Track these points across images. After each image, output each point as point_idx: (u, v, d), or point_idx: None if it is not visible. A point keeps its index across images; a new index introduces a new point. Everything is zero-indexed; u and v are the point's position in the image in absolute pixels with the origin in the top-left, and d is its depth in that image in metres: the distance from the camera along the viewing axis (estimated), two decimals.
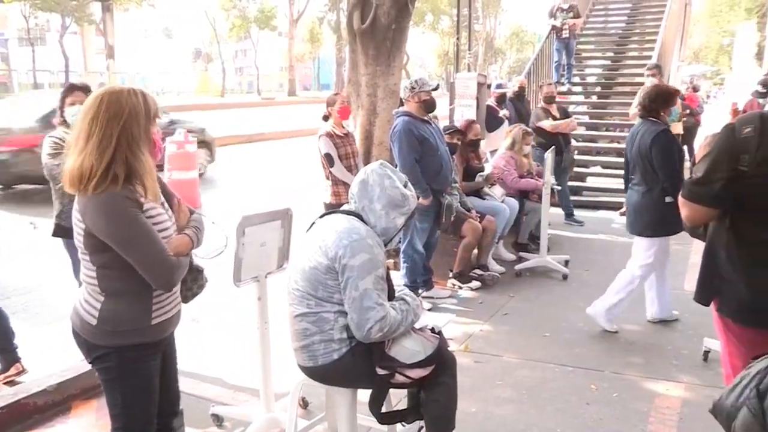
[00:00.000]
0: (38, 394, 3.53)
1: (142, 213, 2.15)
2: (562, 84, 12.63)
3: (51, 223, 3.99)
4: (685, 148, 13.58)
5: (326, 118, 5.63)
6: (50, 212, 4.04)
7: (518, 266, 6.34)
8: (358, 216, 2.73)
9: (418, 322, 2.83)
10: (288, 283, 2.78)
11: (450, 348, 2.97)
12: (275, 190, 10.55)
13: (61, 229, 3.87)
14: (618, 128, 12.09)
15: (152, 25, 57.00)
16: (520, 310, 5.29)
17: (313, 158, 5.88)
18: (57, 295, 5.10)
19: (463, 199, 5.91)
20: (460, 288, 5.78)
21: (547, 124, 8.11)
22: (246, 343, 4.20)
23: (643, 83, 8.98)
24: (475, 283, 5.81)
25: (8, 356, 3.96)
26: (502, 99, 8.94)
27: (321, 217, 2.87)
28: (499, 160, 6.81)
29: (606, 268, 6.47)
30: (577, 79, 13.67)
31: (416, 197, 2.90)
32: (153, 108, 2.23)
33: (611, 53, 14.80)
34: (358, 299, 2.55)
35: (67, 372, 3.71)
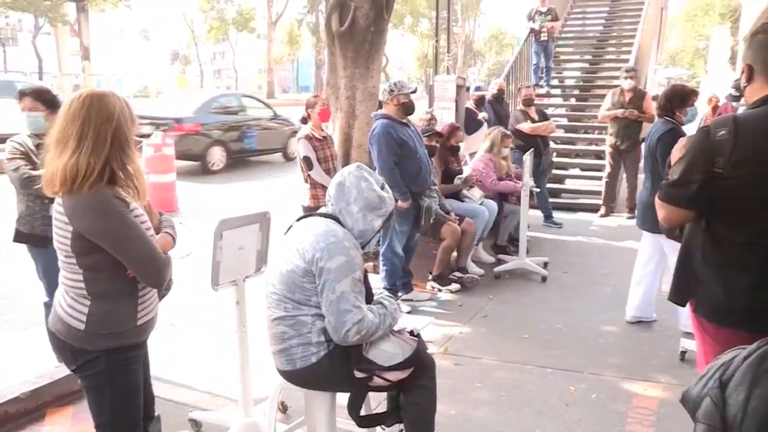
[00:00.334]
0: (11, 402, 3.46)
1: (130, 212, 2.17)
2: (541, 86, 12.71)
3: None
4: None
5: (305, 121, 5.61)
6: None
7: (497, 268, 6.36)
8: (336, 218, 2.73)
9: (396, 324, 2.83)
10: (266, 287, 2.77)
11: (429, 350, 2.97)
12: (254, 193, 10.49)
13: (22, 235, 3.80)
14: (596, 130, 12.19)
15: (129, 26, 56.32)
16: (499, 313, 5.31)
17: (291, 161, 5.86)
18: (30, 300, 5.02)
19: (442, 201, 5.92)
20: (440, 291, 5.78)
21: (525, 127, 8.16)
22: (224, 348, 4.17)
23: (618, 85, 9.09)
24: (455, 286, 5.82)
25: None
26: (481, 102, 8.97)
27: (298, 220, 2.86)
28: (478, 162, 6.83)
29: (584, 270, 6.54)
30: (555, 82, 13.77)
31: (394, 199, 2.90)
32: (133, 111, 2.27)
33: (589, 56, 14.93)
34: (336, 302, 2.54)
35: (41, 378, 3.65)
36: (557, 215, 8.65)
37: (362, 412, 2.77)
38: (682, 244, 2.39)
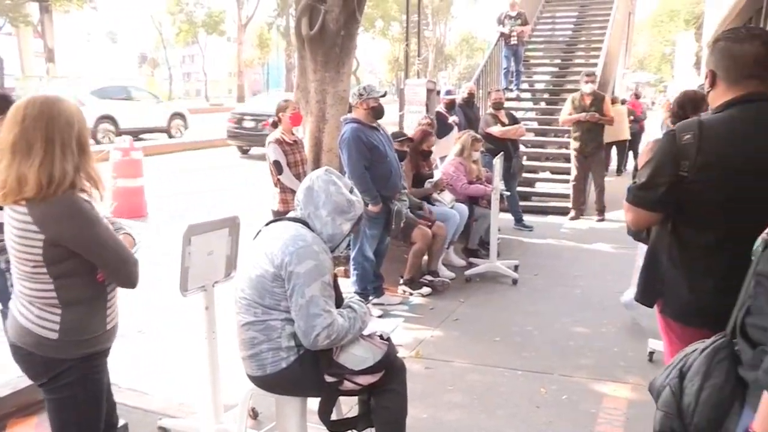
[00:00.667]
0: None
1: (100, 213, 2.17)
2: (511, 90, 12.82)
3: None
4: (630, 153, 14.05)
5: (275, 125, 5.57)
6: None
7: (468, 272, 6.38)
8: (305, 223, 2.72)
9: (366, 328, 2.82)
10: (235, 292, 2.74)
11: (401, 354, 2.98)
12: (222, 197, 10.40)
13: None
14: (566, 134, 12.33)
15: (95, 28, 55.46)
16: (470, 316, 5.33)
17: (261, 165, 5.82)
18: None
19: (414, 201, 5.91)
20: (411, 294, 5.78)
21: (495, 130, 8.20)
22: (194, 354, 4.11)
23: (574, 89, 9.23)
24: (426, 289, 5.82)
25: None
26: (451, 105, 9.01)
27: (267, 224, 2.84)
28: (449, 166, 6.85)
29: (555, 273, 6.60)
30: (525, 86, 13.91)
31: (363, 203, 2.89)
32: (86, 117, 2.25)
33: (559, 60, 15.12)
34: (305, 306, 2.53)
35: (3, 389, 3.55)
36: (528, 218, 8.71)
37: (333, 417, 2.76)
38: (649, 247, 2.43)
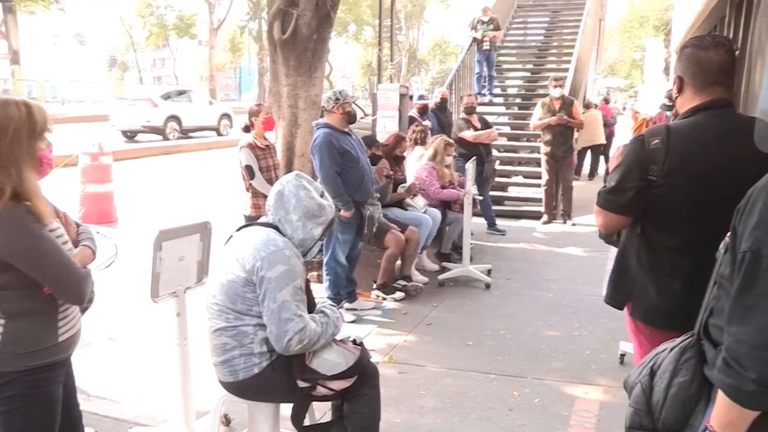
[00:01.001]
0: None
1: (44, 228, 2.06)
2: (484, 95, 12.89)
3: None
4: (602, 158, 14.23)
5: (248, 129, 5.54)
6: None
7: (441, 276, 6.40)
8: (276, 227, 2.71)
9: (339, 333, 2.82)
10: (206, 298, 2.72)
11: (374, 359, 2.98)
12: (194, 202, 10.30)
13: None
14: (538, 139, 12.44)
15: (63, 30, 54.59)
16: (443, 320, 5.34)
17: (233, 170, 5.78)
18: None
19: (386, 194, 5.91)
20: (384, 299, 5.78)
21: (468, 135, 8.25)
22: (165, 361, 4.06)
23: (547, 94, 9.35)
24: (399, 294, 5.83)
25: None
26: (424, 110, 9.04)
27: (239, 229, 2.82)
28: (422, 171, 6.87)
29: (528, 276, 6.65)
30: (498, 91, 14.00)
31: (334, 208, 2.89)
32: (40, 122, 2.10)
33: (531, 65, 15.27)
34: (277, 311, 2.52)
35: None
36: (500, 223, 8.77)
37: (306, 423, 2.76)
38: (618, 249, 2.46)
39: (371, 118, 8.89)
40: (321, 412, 3.20)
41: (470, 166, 6.44)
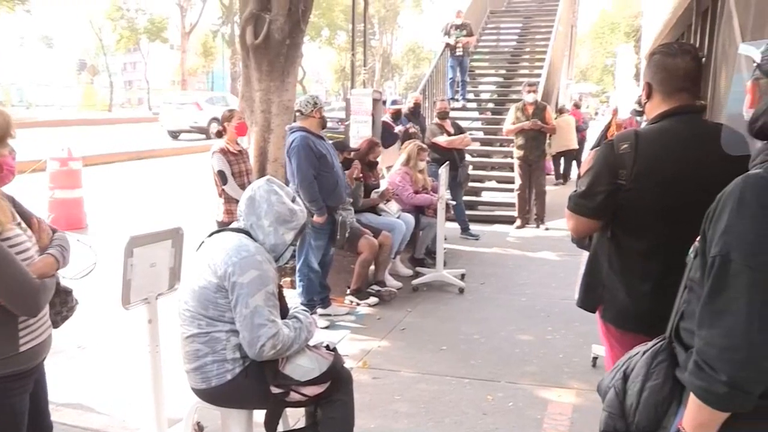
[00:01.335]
0: None
1: None
2: (457, 100, 12.97)
3: None
4: (573, 162, 14.38)
5: (220, 134, 5.49)
6: None
7: (415, 281, 6.40)
8: (247, 233, 2.69)
9: (312, 339, 2.81)
10: (178, 304, 2.69)
11: (348, 365, 2.97)
12: (166, 208, 10.19)
13: None
14: (511, 143, 12.54)
15: (29, 32, 53.68)
16: (417, 325, 5.34)
17: (206, 175, 5.73)
18: None
19: (357, 197, 5.91)
20: (358, 304, 5.76)
21: (441, 140, 8.27)
22: (137, 368, 4.01)
23: (520, 99, 9.44)
24: (373, 299, 5.82)
25: None
26: (397, 115, 9.05)
27: (210, 235, 2.80)
28: (395, 176, 6.88)
29: (501, 281, 6.68)
30: (471, 96, 14.09)
31: (306, 213, 2.88)
32: (2, 128, 2.07)
33: (504, 71, 15.40)
34: (249, 316, 2.50)
35: None
36: (474, 227, 8.80)
37: (280, 429, 2.74)
38: (590, 253, 2.48)
39: (345, 123, 8.88)
40: (294, 418, 3.18)
41: (443, 171, 6.46)
